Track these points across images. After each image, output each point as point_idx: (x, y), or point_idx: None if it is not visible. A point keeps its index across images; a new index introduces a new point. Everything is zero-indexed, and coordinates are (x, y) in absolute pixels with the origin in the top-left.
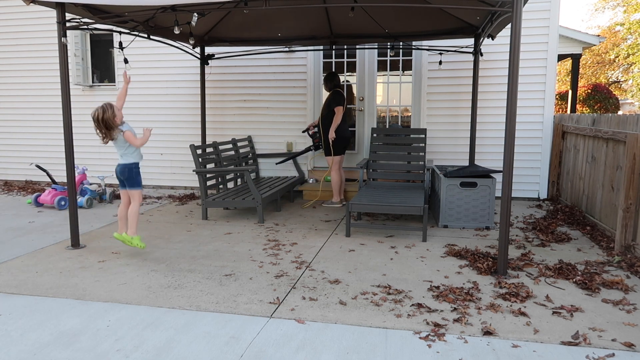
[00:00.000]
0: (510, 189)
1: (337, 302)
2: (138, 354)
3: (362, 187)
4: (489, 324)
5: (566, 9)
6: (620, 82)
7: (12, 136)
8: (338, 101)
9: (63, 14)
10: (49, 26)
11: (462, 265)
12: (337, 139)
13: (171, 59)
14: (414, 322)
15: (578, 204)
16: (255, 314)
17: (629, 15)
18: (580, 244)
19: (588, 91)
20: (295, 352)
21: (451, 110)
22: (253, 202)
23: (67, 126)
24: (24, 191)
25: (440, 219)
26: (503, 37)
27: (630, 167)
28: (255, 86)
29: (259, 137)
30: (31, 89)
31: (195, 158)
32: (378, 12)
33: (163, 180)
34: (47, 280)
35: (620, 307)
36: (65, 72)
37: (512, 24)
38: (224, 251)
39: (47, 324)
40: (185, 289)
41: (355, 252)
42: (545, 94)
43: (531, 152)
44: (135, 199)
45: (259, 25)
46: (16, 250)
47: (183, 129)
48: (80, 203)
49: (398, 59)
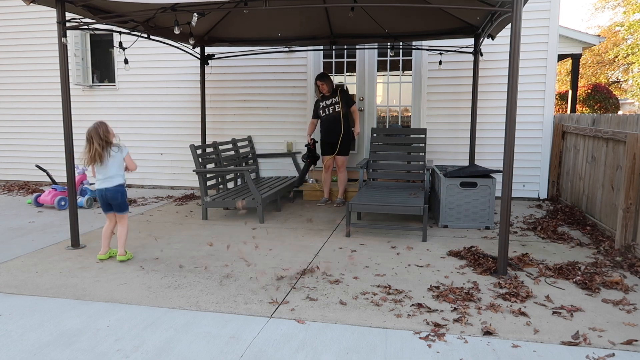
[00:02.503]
0: (510, 189)
1: (337, 302)
2: (138, 354)
3: (362, 187)
4: (489, 324)
5: (566, 9)
6: (620, 82)
7: (12, 136)
8: (353, 99)
9: (63, 14)
10: (49, 26)
11: (462, 265)
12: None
13: (171, 59)
14: (414, 322)
15: (578, 204)
16: (255, 314)
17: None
18: (580, 244)
19: (588, 91)
20: (295, 352)
21: (451, 110)
22: (253, 202)
23: (67, 126)
24: (24, 191)
25: (440, 219)
26: (503, 37)
27: (630, 167)
28: (255, 86)
29: (259, 137)
30: (31, 89)
31: (195, 158)
32: (378, 12)
33: (163, 180)
34: (47, 280)
35: (620, 307)
36: (65, 72)
37: (512, 24)
38: (224, 251)
39: (47, 324)
40: (185, 289)
41: (355, 252)
42: (545, 94)
43: (531, 152)
44: (124, 221)
45: (259, 25)
46: (16, 250)
47: (183, 129)
48: (80, 203)
49: (398, 59)
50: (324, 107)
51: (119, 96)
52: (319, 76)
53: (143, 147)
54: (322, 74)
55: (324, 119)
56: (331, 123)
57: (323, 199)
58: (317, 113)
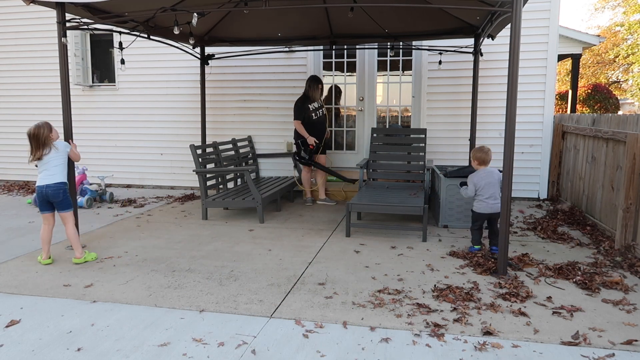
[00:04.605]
0: (510, 189)
1: (337, 302)
2: (138, 354)
3: (362, 187)
4: (489, 324)
5: (566, 9)
6: (620, 82)
7: (12, 136)
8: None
9: (63, 14)
10: (49, 26)
11: (462, 265)
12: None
13: (171, 59)
14: (414, 322)
15: (578, 204)
16: (255, 314)
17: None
18: (580, 244)
19: (588, 91)
20: (296, 352)
21: (451, 110)
22: (253, 202)
23: (67, 126)
24: (24, 191)
25: (440, 219)
26: (503, 37)
27: (630, 167)
28: (255, 86)
29: (259, 137)
30: (31, 89)
31: (195, 158)
32: (378, 12)
33: (163, 180)
34: (47, 280)
35: (620, 307)
36: (65, 72)
37: (512, 24)
38: (224, 251)
39: (47, 324)
40: (185, 289)
41: (356, 252)
42: (545, 94)
43: (531, 152)
44: (69, 220)
45: (259, 25)
46: (16, 250)
47: (183, 129)
48: (80, 203)
49: (398, 59)
50: (314, 109)
51: (119, 96)
52: (320, 79)
53: (143, 147)
54: (319, 78)
55: (316, 120)
56: (322, 125)
57: (310, 199)
58: (307, 115)
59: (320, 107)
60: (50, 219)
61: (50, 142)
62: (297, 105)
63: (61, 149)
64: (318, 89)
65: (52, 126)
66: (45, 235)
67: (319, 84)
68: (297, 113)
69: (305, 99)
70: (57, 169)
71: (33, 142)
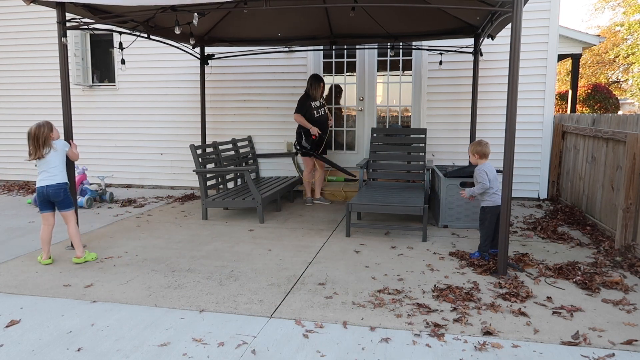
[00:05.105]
0: (510, 189)
1: (337, 302)
2: (138, 354)
3: (362, 187)
4: (489, 324)
5: (566, 9)
6: (620, 82)
7: (12, 136)
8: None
9: (63, 14)
10: (49, 26)
11: (462, 265)
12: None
13: (171, 59)
14: (414, 322)
15: (578, 204)
16: (255, 314)
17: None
18: (580, 244)
19: (588, 91)
20: (296, 352)
21: (451, 110)
22: (253, 202)
23: (67, 126)
24: (24, 191)
25: (440, 219)
26: (503, 37)
27: (630, 167)
28: (255, 86)
29: (259, 137)
30: (31, 89)
31: (195, 158)
32: (378, 12)
33: (163, 180)
34: (47, 280)
35: (620, 307)
36: (65, 72)
37: (512, 24)
38: (224, 251)
39: (47, 324)
40: (185, 289)
41: (355, 252)
42: (545, 94)
43: (531, 152)
44: (70, 219)
45: (259, 25)
46: (16, 250)
47: (183, 129)
48: (80, 203)
49: (398, 59)
50: (316, 107)
51: (119, 96)
52: (321, 78)
53: (143, 147)
54: (321, 77)
55: (317, 119)
56: (324, 124)
57: (310, 199)
58: (309, 113)
59: (322, 106)
60: (50, 219)
61: (51, 141)
62: (299, 101)
63: (60, 148)
64: (319, 88)
65: (53, 126)
66: (45, 236)
67: (321, 83)
68: (298, 107)
69: (306, 98)
70: (57, 169)
71: (33, 141)
